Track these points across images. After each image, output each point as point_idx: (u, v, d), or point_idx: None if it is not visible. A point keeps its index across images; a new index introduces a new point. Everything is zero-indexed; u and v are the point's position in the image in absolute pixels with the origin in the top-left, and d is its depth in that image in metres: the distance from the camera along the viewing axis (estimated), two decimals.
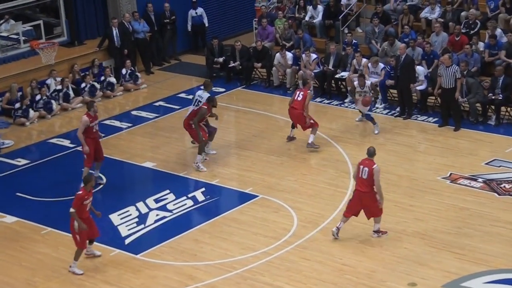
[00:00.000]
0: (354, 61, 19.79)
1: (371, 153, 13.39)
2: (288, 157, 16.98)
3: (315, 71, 20.40)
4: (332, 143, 17.55)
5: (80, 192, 12.78)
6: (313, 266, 12.90)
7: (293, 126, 17.49)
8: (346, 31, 21.83)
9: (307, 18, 22.90)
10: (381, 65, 19.49)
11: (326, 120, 18.79)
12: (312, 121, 17.09)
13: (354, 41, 20.92)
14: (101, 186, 15.96)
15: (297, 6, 23.41)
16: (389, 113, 19.08)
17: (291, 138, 17.63)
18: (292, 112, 17.22)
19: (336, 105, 19.85)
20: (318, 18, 22.77)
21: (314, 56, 20.52)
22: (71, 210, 12.68)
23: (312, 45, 21.60)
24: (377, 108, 19.19)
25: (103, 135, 15.71)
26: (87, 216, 12.91)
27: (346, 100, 19.85)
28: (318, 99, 20.12)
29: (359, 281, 12.45)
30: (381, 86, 19.33)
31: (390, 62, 19.16)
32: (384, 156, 16.49)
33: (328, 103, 19.98)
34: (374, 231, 13.64)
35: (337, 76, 20.17)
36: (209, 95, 16.69)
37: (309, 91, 17.34)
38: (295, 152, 17.23)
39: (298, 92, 17.18)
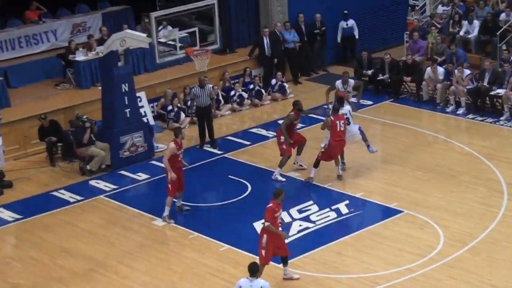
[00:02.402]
0: None
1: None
2: (436, 174, 16.57)
3: (468, 87, 19.85)
4: (484, 161, 17.02)
5: (271, 205, 12.49)
6: (459, 286, 12.53)
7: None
8: (503, 47, 21.12)
9: (461, 33, 22.37)
10: None
11: (478, 137, 18.28)
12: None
13: None
14: (245, 195, 16.16)
15: (451, 21, 22.90)
16: None
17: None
18: (342, 145, 16.25)
19: (490, 122, 19.26)
20: (474, 33, 22.21)
21: (467, 71, 19.97)
22: (266, 223, 12.44)
23: (466, 60, 21.03)
24: None
25: (187, 164, 15.46)
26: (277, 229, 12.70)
27: (501, 118, 19.21)
28: (471, 116, 19.63)
29: None
30: None
31: None
32: None
33: (481, 120, 19.41)
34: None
35: (492, 93, 19.55)
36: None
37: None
38: (443, 168, 16.80)
39: (338, 123, 15.97)
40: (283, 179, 16.64)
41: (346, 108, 16.81)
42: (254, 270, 10.65)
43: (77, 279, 13.37)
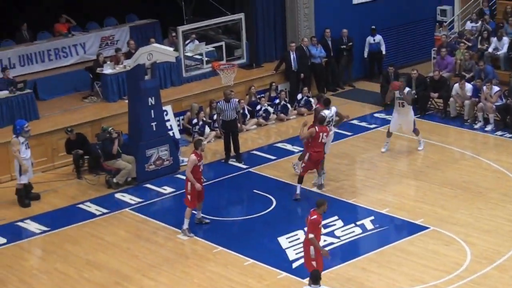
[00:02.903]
0: None
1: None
2: (463, 190, 16.45)
3: (497, 104, 19.70)
4: None
5: (315, 217, 12.39)
6: None
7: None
8: None
9: (490, 50, 22.22)
10: None
11: (507, 154, 18.13)
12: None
13: None
14: (270, 209, 16.16)
15: (479, 37, 22.77)
16: None
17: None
18: (319, 157, 16.36)
19: None
20: (503, 50, 22.04)
21: (496, 88, 19.82)
22: (310, 236, 12.31)
23: (495, 77, 20.87)
24: None
25: (204, 179, 15.54)
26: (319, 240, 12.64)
27: None
28: (499, 133, 19.49)
29: None
30: None
31: None
32: None
33: (510, 137, 19.22)
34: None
35: None
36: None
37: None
38: (470, 185, 16.67)
39: (321, 134, 16.20)
40: (297, 172, 17.01)
41: (333, 109, 17.00)
42: (318, 277, 10.58)
43: None
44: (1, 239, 15.37)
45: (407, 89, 18.48)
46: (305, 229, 14.98)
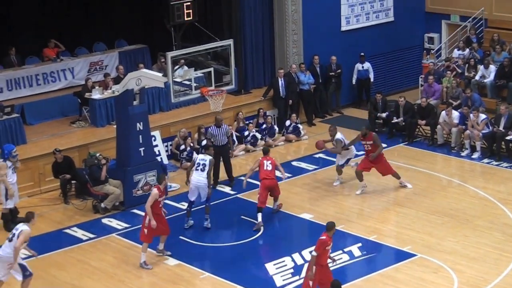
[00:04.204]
0: None
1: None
2: (450, 217, 16.48)
3: (484, 131, 19.79)
4: (499, 205, 16.92)
5: (324, 237, 12.51)
6: None
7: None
8: None
9: (477, 78, 22.36)
10: None
11: (493, 182, 18.19)
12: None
13: None
14: (257, 235, 16.11)
15: (467, 65, 22.93)
16: None
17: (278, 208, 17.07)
18: (269, 183, 16.54)
19: (506, 167, 19.16)
20: (490, 78, 22.16)
21: (483, 116, 19.91)
22: (313, 253, 12.45)
23: (481, 104, 20.98)
24: None
25: (166, 212, 15.43)
26: (326, 263, 12.68)
27: None
28: (486, 161, 19.55)
29: None
30: None
31: None
32: None
33: (496, 165, 19.30)
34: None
35: (508, 138, 19.47)
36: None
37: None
38: (458, 212, 16.71)
39: (265, 162, 16.60)
40: (410, 186, 17.99)
41: (208, 157, 16.44)
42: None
43: None
44: None
45: (337, 135, 18.38)
46: (292, 255, 15.05)
